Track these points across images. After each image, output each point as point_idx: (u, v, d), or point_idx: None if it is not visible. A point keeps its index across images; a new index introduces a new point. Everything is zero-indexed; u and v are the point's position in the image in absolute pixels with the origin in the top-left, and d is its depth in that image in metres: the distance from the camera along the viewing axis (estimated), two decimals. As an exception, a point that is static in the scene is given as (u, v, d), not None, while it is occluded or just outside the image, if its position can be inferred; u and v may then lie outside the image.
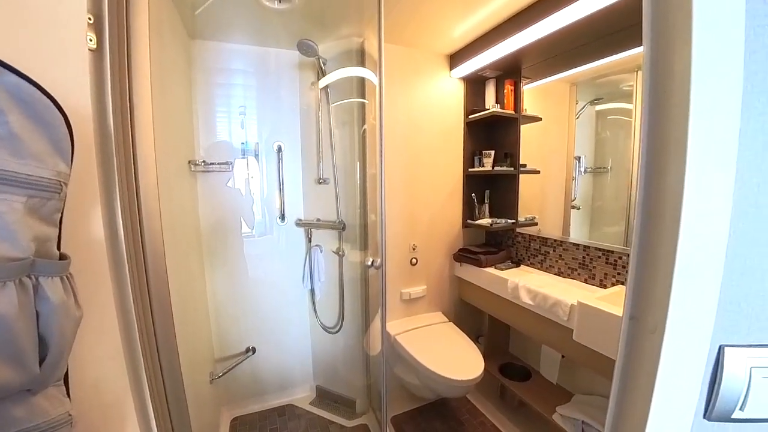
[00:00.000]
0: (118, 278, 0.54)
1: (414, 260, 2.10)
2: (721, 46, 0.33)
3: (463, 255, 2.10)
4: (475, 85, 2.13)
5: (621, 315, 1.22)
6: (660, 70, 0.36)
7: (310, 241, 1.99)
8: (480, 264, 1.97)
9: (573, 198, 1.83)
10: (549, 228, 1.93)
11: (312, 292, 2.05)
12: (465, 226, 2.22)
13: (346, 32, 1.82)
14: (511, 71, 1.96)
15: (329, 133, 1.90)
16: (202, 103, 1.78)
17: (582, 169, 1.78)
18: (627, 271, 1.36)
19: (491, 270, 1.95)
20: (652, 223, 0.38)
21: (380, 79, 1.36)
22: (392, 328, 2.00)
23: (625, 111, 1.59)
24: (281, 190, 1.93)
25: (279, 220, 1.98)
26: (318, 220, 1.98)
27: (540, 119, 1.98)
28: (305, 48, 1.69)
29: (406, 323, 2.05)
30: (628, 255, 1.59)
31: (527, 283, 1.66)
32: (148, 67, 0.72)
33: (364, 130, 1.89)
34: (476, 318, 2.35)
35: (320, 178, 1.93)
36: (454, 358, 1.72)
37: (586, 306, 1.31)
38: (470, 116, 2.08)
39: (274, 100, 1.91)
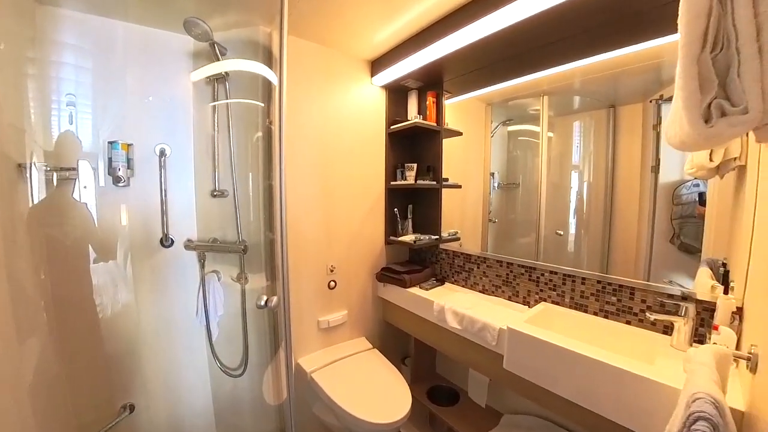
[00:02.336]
0: None
1: (332, 283, 1.81)
2: None
3: (386, 275, 1.88)
4: (397, 94, 1.95)
5: (551, 341, 1.10)
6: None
7: (203, 267, 1.56)
8: (404, 284, 1.77)
9: (489, 212, 1.82)
10: (469, 242, 1.86)
11: (208, 328, 1.61)
12: (388, 242, 2.01)
13: (250, 18, 1.49)
14: (433, 83, 1.83)
15: (228, 136, 1.52)
16: (51, 91, 1.27)
17: (495, 185, 1.79)
18: (549, 288, 1.25)
19: (415, 290, 1.75)
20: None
21: (280, 77, 1.08)
22: (309, 363, 1.67)
23: (534, 133, 1.62)
24: (164, 204, 1.48)
25: (163, 241, 1.51)
26: (214, 240, 1.56)
27: (461, 134, 1.89)
28: (193, 28, 1.31)
29: (325, 356, 1.74)
30: (550, 271, 1.56)
31: (453, 306, 1.49)
32: None
33: (268, 135, 1.56)
34: (402, 339, 2.14)
35: (216, 190, 1.53)
36: (378, 396, 1.46)
37: (516, 332, 1.17)
38: (392, 127, 1.89)
39: (156, 93, 1.46)
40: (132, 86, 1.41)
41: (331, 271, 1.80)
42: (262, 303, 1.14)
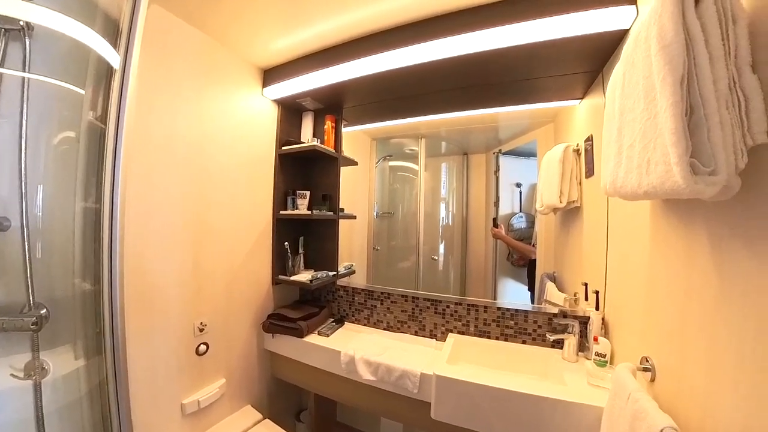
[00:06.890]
0: None
1: (203, 347, 1.29)
2: None
3: (275, 324, 1.48)
4: (291, 112, 1.67)
5: (482, 383, 1.03)
6: None
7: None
8: (300, 333, 1.43)
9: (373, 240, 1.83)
10: (358, 272, 1.77)
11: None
12: (276, 283, 1.63)
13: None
14: (332, 107, 1.64)
15: (20, 130, 0.89)
16: None
17: (375, 213, 1.82)
18: (454, 319, 1.22)
19: (314, 338, 1.45)
20: None
21: (127, 59, 0.72)
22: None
23: (411, 169, 1.77)
24: None
25: None
26: (-28, 309, 0.85)
27: (356, 163, 1.77)
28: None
29: (190, 453, 1.18)
30: (456, 303, 1.56)
31: (365, 354, 1.28)
32: None
33: (97, 137, 1.01)
34: (294, 392, 1.74)
35: (-15, 221, 0.85)
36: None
37: (444, 378, 1.06)
38: (284, 147, 1.58)
39: None
40: None
41: (201, 330, 1.28)
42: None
